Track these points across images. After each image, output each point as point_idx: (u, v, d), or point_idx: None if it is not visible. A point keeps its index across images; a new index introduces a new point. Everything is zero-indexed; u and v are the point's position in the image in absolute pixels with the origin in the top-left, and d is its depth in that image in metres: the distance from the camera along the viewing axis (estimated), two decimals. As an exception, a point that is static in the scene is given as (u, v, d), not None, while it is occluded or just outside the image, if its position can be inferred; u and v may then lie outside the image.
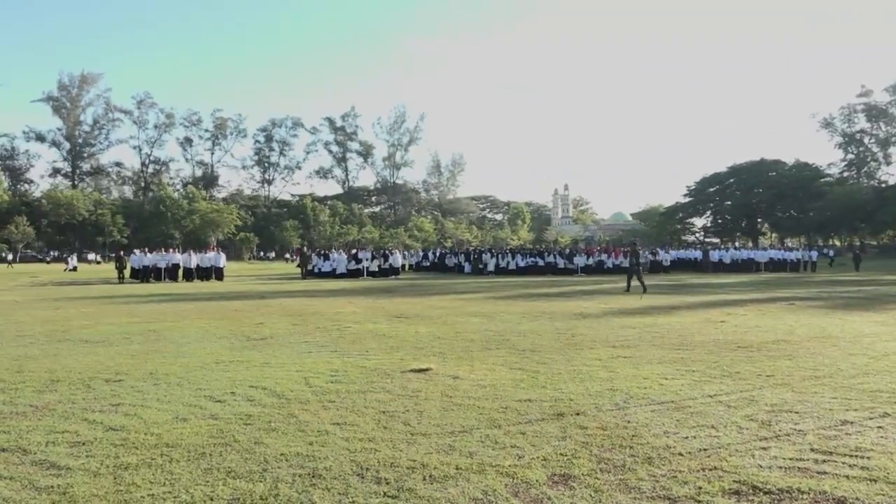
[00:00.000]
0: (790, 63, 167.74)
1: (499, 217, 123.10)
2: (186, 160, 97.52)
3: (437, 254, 43.94)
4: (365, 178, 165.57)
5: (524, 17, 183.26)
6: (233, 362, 7.44)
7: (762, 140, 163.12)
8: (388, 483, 3.59)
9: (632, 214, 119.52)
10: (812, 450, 4.10)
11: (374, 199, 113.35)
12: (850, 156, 77.51)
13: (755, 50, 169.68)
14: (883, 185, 71.15)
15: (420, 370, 6.75)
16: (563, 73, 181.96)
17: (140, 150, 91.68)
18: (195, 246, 49.24)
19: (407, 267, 42.82)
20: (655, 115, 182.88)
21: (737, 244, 72.33)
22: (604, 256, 36.94)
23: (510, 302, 16.18)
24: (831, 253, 51.44)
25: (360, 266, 32.18)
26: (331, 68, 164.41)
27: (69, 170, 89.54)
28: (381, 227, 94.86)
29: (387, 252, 36.27)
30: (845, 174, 77.09)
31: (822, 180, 72.95)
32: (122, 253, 33.39)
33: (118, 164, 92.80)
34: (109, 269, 40.58)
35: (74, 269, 44.34)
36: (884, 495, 3.38)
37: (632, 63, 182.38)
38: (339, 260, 32.98)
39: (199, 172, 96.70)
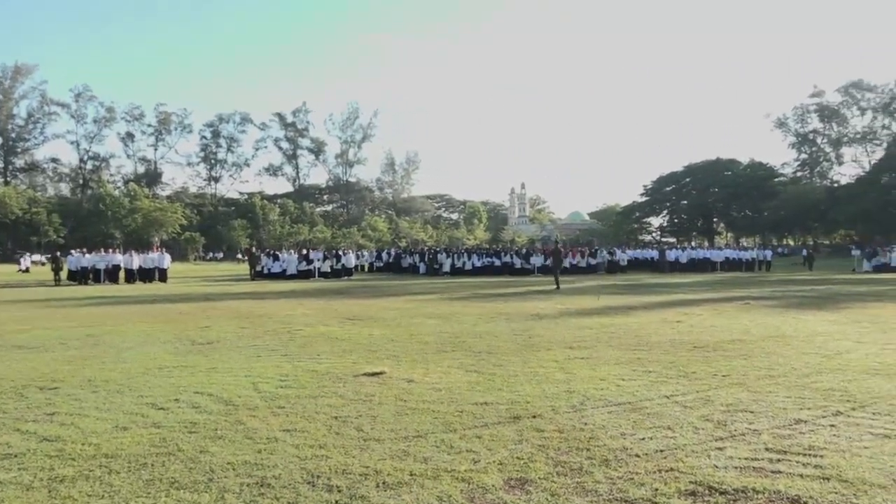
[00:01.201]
0: (746, 63, 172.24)
1: (454, 216, 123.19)
2: (128, 156, 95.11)
3: (392, 254, 43.90)
4: (316, 175, 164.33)
5: (487, 16, 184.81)
6: (177, 368, 7.32)
7: (718, 140, 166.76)
8: (339, 491, 3.56)
9: (589, 214, 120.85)
10: (767, 449, 4.20)
11: (325, 197, 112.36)
12: (804, 155, 79.49)
13: (712, 50, 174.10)
14: (835, 185, 72.73)
15: (373, 374, 6.74)
16: (520, 72, 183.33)
17: (78, 145, 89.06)
18: (137, 246, 48.02)
19: (360, 268, 42.64)
20: (612, 113, 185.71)
21: (693, 244, 73.94)
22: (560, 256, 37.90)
23: (466, 303, 16.29)
24: (786, 252, 53.12)
25: (311, 267, 32.01)
26: (281, 63, 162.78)
27: (1, 166, 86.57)
28: (334, 226, 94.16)
29: (339, 252, 36.11)
30: (798, 174, 78.70)
31: (776, 180, 74.47)
32: (58, 253, 32.53)
33: (54, 161, 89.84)
34: (46, 270, 39.56)
35: (27, 270, 43.17)
36: (837, 493, 3.47)
37: (588, 62, 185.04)
38: (290, 260, 32.72)
39: (141, 169, 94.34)
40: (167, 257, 31.52)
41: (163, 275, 29.57)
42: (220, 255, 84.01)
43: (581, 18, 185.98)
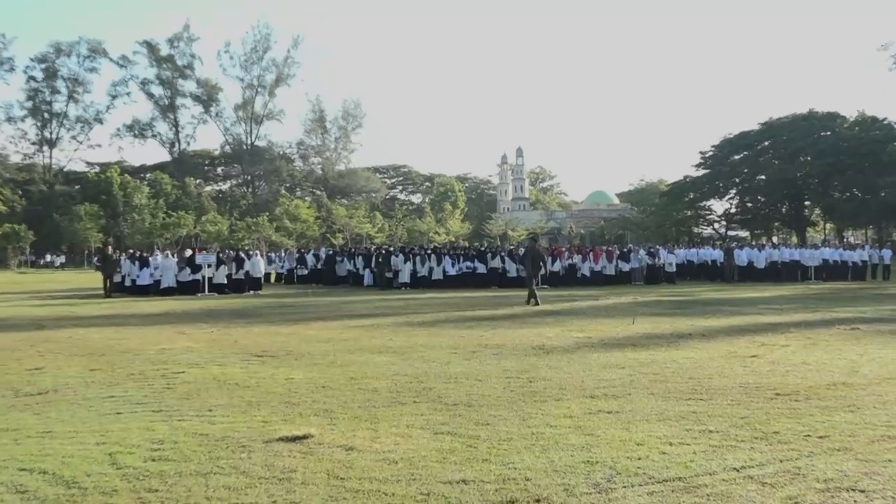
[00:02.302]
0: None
1: (416, 199, 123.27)
2: None
3: (322, 256, 43.74)
4: (207, 137, 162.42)
5: None
6: (-9, 432, 7.48)
7: (808, 86, 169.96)
8: None
9: (618, 195, 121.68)
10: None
11: (220, 170, 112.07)
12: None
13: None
14: None
15: (294, 438, 6.73)
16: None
17: None
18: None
19: (274, 277, 42.57)
20: (649, 51, 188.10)
21: (774, 240, 74.05)
22: (576, 259, 37.73)
23: (434, 330, 16.39)
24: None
25: (198, 276, 31.91)
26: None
27: None
28: (233, 214, 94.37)
29: (241, 254, 35.89)
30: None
31: (900, 143, 75.30)
32: None
33: None
34: None
35: None
36: None
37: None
38: (166, 267, 32.51)
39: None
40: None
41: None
42: (60, 258, 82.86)
43: None
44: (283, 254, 51.12)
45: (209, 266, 32.65)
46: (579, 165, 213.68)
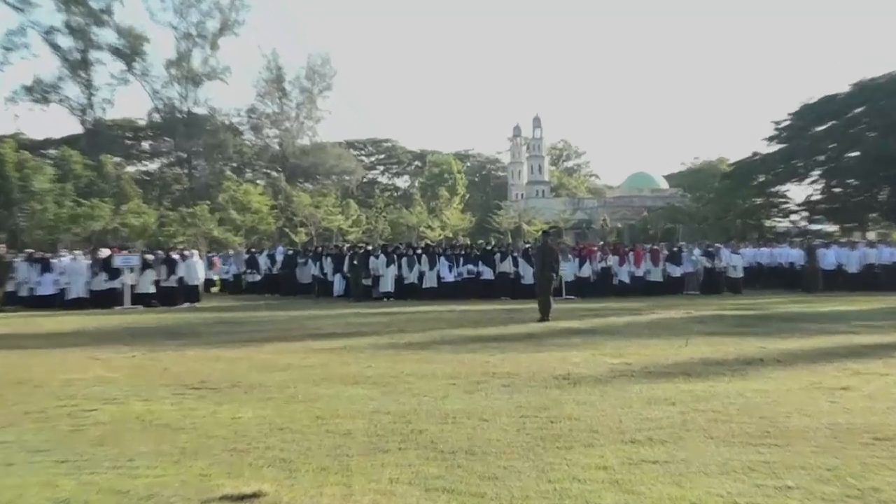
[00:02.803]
0: None
1: (404, 183, 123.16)
2: None
3: (279, 257, 43.59)
4: (129, 103, 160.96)
5: None
6: None
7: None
8: None
9: (666, 178, 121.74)
10: None
11: (147, 145, 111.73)
12: None
13: None
14: None
15: (242, 497, 6.71)
16: None
17: None
18: None
19: (217, 285, 43.04)
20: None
21: (870, 236, 73.52)
22: (611, 261, 37.65)
23: (426, 354, 16.41)
24: None
25: (117, 284, 32.04)
26: None
27: None
28: (163, 202, 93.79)
29: (174, 255, 35.94)
30: None
31: None
32: None
33: None
34: None
35: None
36: None
37: None
38: (75, 271, 32.67)
39: None
40: None
41: None
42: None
43: None
44: (228, 254, 50.82)
45: (131, 271, 32.68)
46: (615, 139, 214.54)
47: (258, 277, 42.14)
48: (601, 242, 49.64)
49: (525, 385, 12.34)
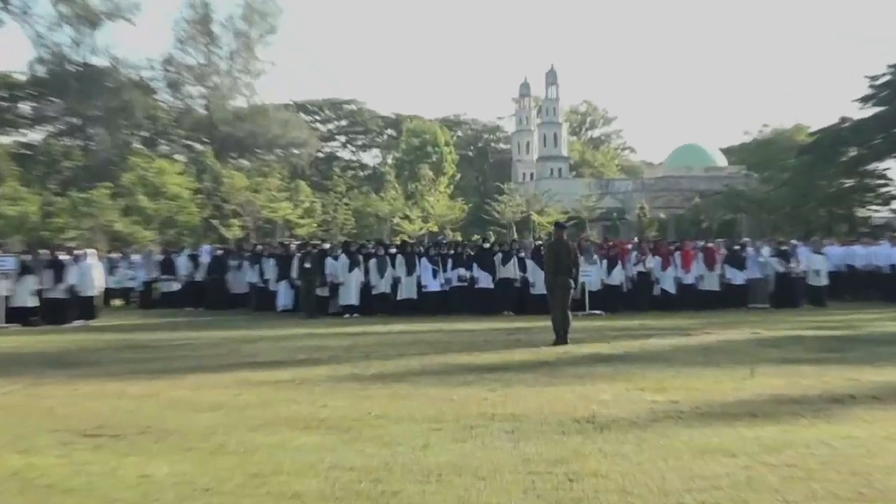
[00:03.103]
0: None
1: (372, 158, 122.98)
2: None
3: (205, 259, 43.46)
4: (3, 51, 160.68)
5: None
6: None
7: None
8: None
9: (724, 152, 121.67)
10: None
11: (28, 107, 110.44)
12: None
13: None
14: None
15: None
16: None
17: None
18: None
19: (121, 296, 43.02)
20: None
21: None
22: (651, 263, 37.42)
23: (402, 389, 15.82)
24: None
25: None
26: None
27: None
28: (48, 184, 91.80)
29: (63, 256, 35.84)
30: None
31: None
32: None
33: None
34: None
35: None
36: None
37: None
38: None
39: None
40: None
41: None
42: None
43: None
44: (136, 256, 49.21)
45: (5, 277, 32.65)
46: (657, 101, 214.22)
47: (176, 286, 41.81)
48: (637, 239, 49.25)
49: (534, 430, 11.83)
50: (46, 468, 10.08)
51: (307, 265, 35.60)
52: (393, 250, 38.16)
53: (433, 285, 35.56)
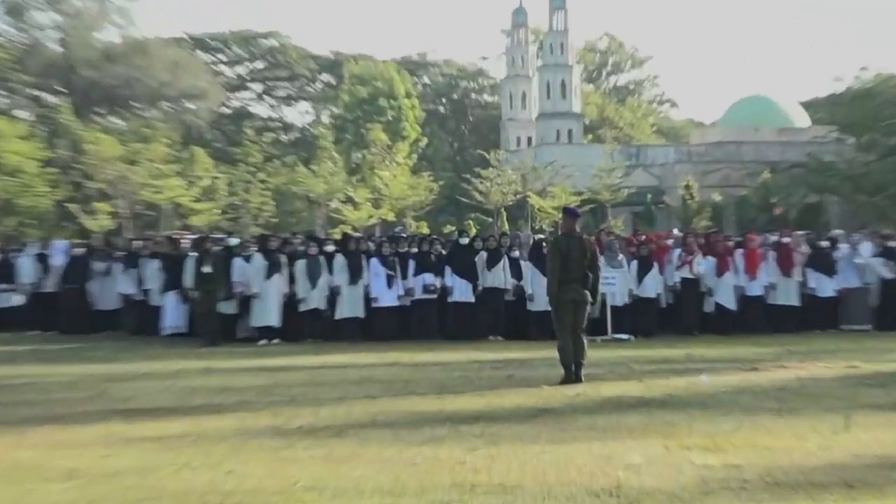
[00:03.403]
0: None
1: (301, 117, 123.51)
2: None
3: (58, 261, 41.94)
4: None
5: None
6: None
7: None
8: None
9: (804, 106, 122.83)
10: None
11: None
12: None
13: None
14: None
15: None
16: None
17: None
18: None
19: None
20: None
21: None
22: (699, 265, 35.57)
23: (343, 449, 14.23)
24: None
25: None
26: None
27: None
28: None
29: None
30: None
31: None
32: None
33: None
34: None
35: None
36: None
37: None
38: None
39: None
40: None
41: None
42: None
43: None
44: None
45: None
46: (705, 36, 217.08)
47: (17, 300, 40.03)
48: (681, 231, 47.32)
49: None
50: None
51: (206, 270, 33.20)
52: (330, 248, 36.15)
53: (387, 298, 33.26)
